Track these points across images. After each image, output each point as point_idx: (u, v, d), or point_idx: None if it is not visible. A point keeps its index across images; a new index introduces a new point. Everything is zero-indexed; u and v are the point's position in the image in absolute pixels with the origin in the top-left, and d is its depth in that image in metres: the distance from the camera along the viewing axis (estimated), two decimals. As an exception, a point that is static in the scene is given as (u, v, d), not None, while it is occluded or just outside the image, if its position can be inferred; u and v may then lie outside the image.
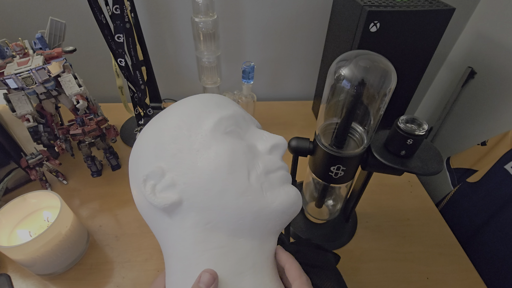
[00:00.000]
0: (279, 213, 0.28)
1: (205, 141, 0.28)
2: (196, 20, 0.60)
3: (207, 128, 0.29)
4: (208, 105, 0.31)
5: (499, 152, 0.55)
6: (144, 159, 0.29)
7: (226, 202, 0.27)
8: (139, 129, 0.72)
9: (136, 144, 0.33)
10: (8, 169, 0.60)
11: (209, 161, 0.27)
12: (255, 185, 0.28)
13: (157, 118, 0.32)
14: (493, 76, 0.69)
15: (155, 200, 0.26)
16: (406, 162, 0.38)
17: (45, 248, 0.44)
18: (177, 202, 0.26)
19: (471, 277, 0.50)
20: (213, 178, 0.27)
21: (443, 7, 0.53)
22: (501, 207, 0.53)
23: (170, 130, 0.29)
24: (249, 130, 0.33)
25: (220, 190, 0.27)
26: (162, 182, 0.27)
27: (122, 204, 0.60)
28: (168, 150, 0.28)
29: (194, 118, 0.29)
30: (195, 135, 0.28)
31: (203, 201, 0.27)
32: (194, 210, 0.27)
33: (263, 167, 0.29)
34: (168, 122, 0.30)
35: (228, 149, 0.28)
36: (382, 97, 0.36)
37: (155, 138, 0.29)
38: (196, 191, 0.27)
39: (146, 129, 0.32)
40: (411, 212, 0.60)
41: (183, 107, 0.31)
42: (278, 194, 0.29)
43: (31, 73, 0.51)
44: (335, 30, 0.68)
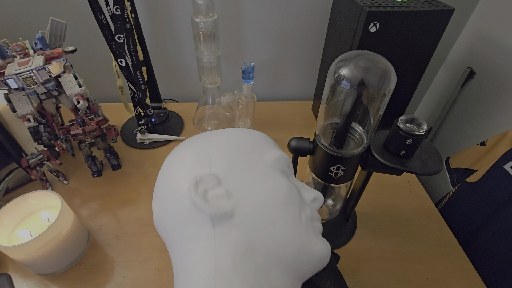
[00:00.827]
0: (317, 259, 0.28)
1: (265, 170, 0.29)
2: (196, 20, 0.61)
3: (268, 160, 0.30)
4: (268, 141, 0.33)
5: (498, 152, 0.55)
6: (197, 161, 0.29)
7: (275, 229, 0.26)
8: (139, 129, 0.72)
9: (186, 143, 0.32)
10: (8, 169, 0.60)
11: (268, 187, 0.28)
12: (304, 223, 0.28)
13: (213, 132, 0.33)
14: (492, 76, 0.69)
15: (206, 205, 0.25)
16: (405, 162, 0.38)
17: (45, 248, 0.44)
18: (229, 214, 0.26)
19: (470, 277, 0.50)
20: (269, 203, 0.27)
21: (442, 7, 0.53)
22: (501, 207, 0.53)
23: (234, 144, 0.30)
24: (292, 177, 0.34)
25: (273, 217, 0.27)
26: (216, 190, 0.26)
27: (122, 204, 0.60)
28: (228, 162, 0.28)
29: (256, 146, 0.31)
30: (255, 161, 0.29)
31: (253, 221, 0.26)
32: (242, 227, 0.26)
33: (310, 213, 0.30)
34: (231, 136, 0.31)
35: (287, 184, 0.29)
36: (381, 97, 0.36)
37: (214, 146, 0.30)
38: (249, 209, 0.26)
39: (198, 137, 0.32)
40: (411, 212, 0.61)
41: (246, 133, 0.33)
42: (320, 241, 0.29)
43: (32, 73, 0.51)
44: (335, 30, 0.68)
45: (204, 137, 0.32)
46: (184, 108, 0.87)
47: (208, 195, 0.26)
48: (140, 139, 0.73)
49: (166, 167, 0.31)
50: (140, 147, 0.73)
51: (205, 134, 0.33)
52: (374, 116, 0.38)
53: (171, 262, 0.51)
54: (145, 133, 0.73)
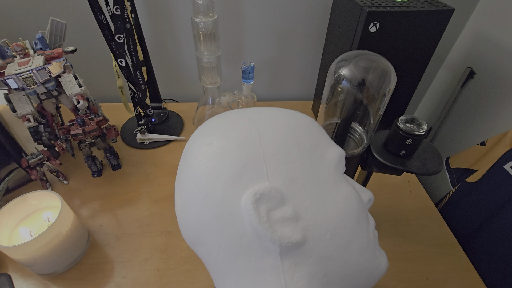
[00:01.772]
0: (380, 276, 0.25)
1: (330, 176, 0.23)
2: (196, 20, 0.61)
3: (332, 162, 0.24)
4: (323, 133, 0.26)
5: (498, 152, 0.55)
6: (246, 162, 0.21)
7: (350, 256, 0.22)
8: (139, 129, 0.72)
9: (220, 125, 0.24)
10: (8, 169, 0.60)
11: (339, 201, 0.23)
12: (372, 240, 0.24)
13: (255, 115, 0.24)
14: (492, 76, 0.69)
15: (274, 233, 0.20)
16: (405, 162, 0.38)
17: (45, 248, 0.44)
18: (300, 243, 0.21)
19: (470, 277, 0.50)
20: (343, 224, 0.22)
21: (442, 7, 0.53)
22: (501, 207, 0.53)
23: (291, 141, 0.23)
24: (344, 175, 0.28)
25: (347, 240, 0.22)
26: (281, 211, 0.21)
27: (122, 204, 0.60)
28: (287, 170, 0.22)
29: (314, 142, 0.24)
30: (318, 165, 0.23)
31: (326, 249, 0.21)
32: (313, 256, 0.21)
33: (372, 222, 0.26)
34: (285, 128, 0.23)
35: (355, 194, 0.24)
36: (381, 97, 0.36)
37: (266, 141, 0.22)
38: (322, 234, 0.21)
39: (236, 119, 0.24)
40: (411, 212, 0.61)
41: (300, 123, 0.25)
42: (382, 255, 0.25)
43: (32, 73, 0.51)
44: (335, 30, 0.68)
45: (245, 122, 0.24)
46: (184, 108, 0.87)
47: (272, 217, 0.20)
48: (140, 139, 0.73)
49: (198, 165, 0.22)
50: (140, 147, 0.73)
51: (244, 116, 0.24)
52: (374, 116, 0.38)
53: (171, 262, 0.52)
54: (145, 133, 0.73)
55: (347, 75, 0.35)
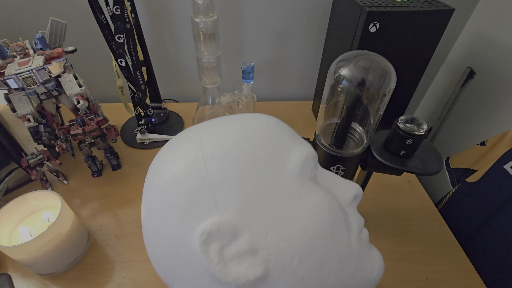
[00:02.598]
0: (375, 283, 0.23)
1: (294, 188, 0.20)
2: (196, 20, 0.61)
3: (293, 171, 0.21)
4: (283, 135, 0.22)
5: (498, 152, 0.55)
6: (191, 201, 0.19)
7: (327, 276, 0.20)
8: (139, 129, 0.72)
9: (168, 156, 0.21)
10: (8, 169, 0.60)
11: (305, 217, 0.20)
12: (356, 250, 0.21)
13: (204, 134, 0.21)
14: (492, 76, 0.69)
15: (228, 274, 0.18)
16: (405, 162, 0.38)
17: (45, 248, 0.44)
18: (262, 277, 0.19)
19: (470, 277, 0.50)
20: (313, 242, 0.19)
21: (442, 7, 0.53)
22: (501, 207, 0.53)
23: (242, 158, 0.20)
24: (319, 172, 0.25)
25: (320, 260, 0.19)
26: (235, 245, 0.19)
27: (122, 204, 0.60)
28: (239, 194, 0.19)
29: (271, 152, 0.21)
30: (277, 179, 0.20)
31: (296, 275, 0.19)
32: (283, 284, 0.19)
33: (356, 225, 0.23)
34: (233, 143, 0.20)
35: (325, 202, 0.21)
36: (381, 97, 0.36)
37: (212, 164, 0.19)
38: (288, 261, 0.19)
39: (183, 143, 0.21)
40: (411, 212, 0.61)
41: (248, 129, 0.21)
42: (373, 260, 0.23)
43: (32, 73, 0.51)
44: (335, 30, 0.68)
45: (191, 145, 0.21)
46: (184, 108, 0.87)
47: (225, 255, 0.18)
48: (140, 139, 0.73)
49: (152, 205, 0.21)
50: (140, 147, 0.73)
51: (191, 137, 0.22)
52: (374, 116, 0.38)
53: (171, 262, 0.51)
54: (145, 133, 0.73)
55: (347, 75, 0.35)
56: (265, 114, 0.25)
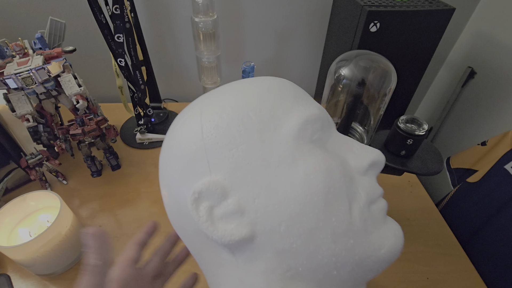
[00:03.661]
0: (385, 262, 0.21)
1: (287, 153, 0.20)
2: (196, 20, 0.60)
3: (289, 134, 0.20)
4: (284, 97, 0.22)
5: (499, 152, 0.55)
6: (189, 162, 0.21)
7: (318, 246, 0.19)
8: (139, 129, 0.72)
9: (176, 125, 0.23)
10: (8, 169, 0.59)
11: (296, 183, 0.19)
12: (358, 223, 0.20)
13: (207, 100, 0.23)
14: (493, 76, 0.69)
15: (214, 232, 0.19)
16: (406, 162, 0.38)
17: (45, 248, 0.44)
18: (248, 238, 0.19)
19: (471, 277, 0.50)
20: (302, 210, 0.19)
21: (443, 7, 0.53)
22: (501, 207, 0.53)
23: (235, 121, 0.20)
24: (332, 136, 0.23)
25: (311, 228, 0.19)
26: (224, 206, 0.19)
27: (122, 204, 0.60)
28: (230, 157, 0.20)
29: (266, 114, 0.21)
30: (270, 142, 0.20)
31: (283, 241, 0.19)
32: (270, 250, 0.19)
33: (365, 196, 0.21)
34: (229, 106, 0.21)
35: (322, 167, 0.19)
36: (382, 97, 0.36)
37: (208, 128, 0.20)
38: (275, 226, 0.19)
39: (188, 112, 0.23)
40: (411, 212, 0.60)
41: (247, 93, 0.22)
42: (385, 236, 0.21)
43: (31, 73, 0.51)
44: (335, 30, 0.68)
45: (193, 112, 0.23)
46: (183, 108, 0.87)
47: (215, 215, 0.19)
48: (139, 139, 0.73)
49: (161, 166, 0.24)
50: (140, 147, 0.73)
51: (195, 105, 0.24)
52: (375, 116, 0.38)
53: (170, 262, 0.51)
54: (144, 133, 0.73)
55: (348, 75, 0.35)
56: (273, 77, 0.25)
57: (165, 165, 0.23)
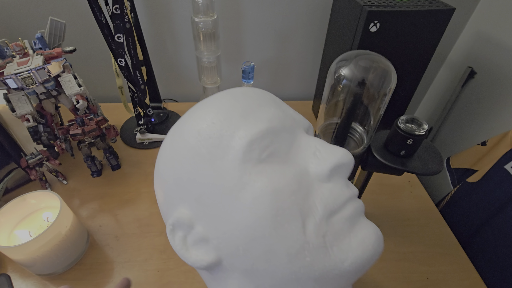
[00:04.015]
0: (353, 273, 0.20)
1: (235, 179, 0.20)
2: (196, 20, 0.60)
3: (234, 159, 0.20)
4: (231, 117, 0.21)
5: (499, 152, 0.55)
6: (167, 195, 0.24)
7: (276, 266, 0.19)
8: (139, 129, 0.72)
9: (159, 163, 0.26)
10: (8, 169, 0.60)
11: (245, 209, 0.19)
12: (314, 240, 0.19)
13: (174, 130, 0.25)
14: (493, 76, 0.69)
15: (188, 258, 0.22)
16: (406, 162, 0.38)
17: (45, 248, 0.44)
18: (215, 262, 0.21)
19: (471, 277, 0.50)
20: (253, 235, 0.19)
21: (443, 7, 0.53)
22: (501, 207, 0.53)
23: (186, 161, 0.22)
24: (295, 142, 0.23)
25: (265, 251, 0.19)
26: (193, 234, 0.22)
27: (122, 204, 0.60)
28: (189, 190, 0.21)
29: (215, 142, 0.21)
30: (221, 170, 0.20)
31: (245, 263, 0.20)
32: (236, 271, 0.21)
33: (323, 209, 0.20)
34: (180, 148, 0.22)
35: (269, 190, 0.19)
36: (382, 97, 0.36)
37: (172, 168, 0.23)
38: (234, 251, 0.20)
39: (165, 144, 0.25)
40: (411, 212, 0.60)
41: (199, 122, 0.22)
42: (349, 247, 0.20)
43: (31, 73, 0.51)
44: (335, 30, 0.68)
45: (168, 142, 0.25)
46: (184, 108, 0.87)
47: (188, 242, 0.22)
48: (139, 139, 0.73)
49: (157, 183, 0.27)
50: (140, 147, 0.73)
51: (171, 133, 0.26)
52: (375, 116, 0.38)
53: (171, 262, 0.52)
54: (144, 133, 0.73)
55: (348, 75, 0.35)
56: (230, 91, 0.24)
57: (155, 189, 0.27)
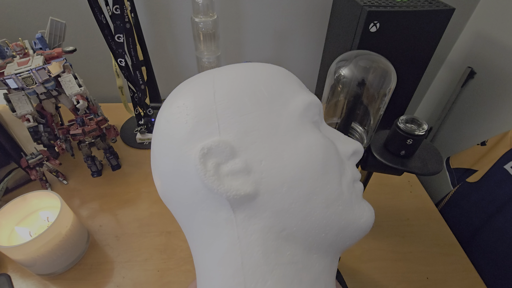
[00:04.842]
0: (362, 231, 0.24)
1: (293, 126, 0.22)
2: (196, 20, 0.61)
3: (295, 110, 0.23)
4: (290, 80, 0.25)
5: (498, 152, 0.55)
6: (199, 119, 0.21)
7: (312, 209, 0.21)
8: (139, 129, 0.72)
9: (182, 89, 0.24)
10: (8, 169, 0.60)
11: (300, 152, 0.21)
12: (346, 193, 0.23)
13: (215, 71, 0.24)
14: (493, 76, 0.69)
15: (220, 186, 0.20)
16: (406, 162, 0.38)
17: (45, 248, 0.44)
18: (251, 195, 0.20)
19: (470, 277, 0.50)
20: (302, 175, 0.21)
21: (443, 7, 0.53)
22: (501, 207, 0.53)
23: (247, 92, 0.22)
24: (323, 124, 0.27)
25: (308, 193, 0.21)
26: (231, 164, 0.20)
27: (122, 204, 0.60)
28: (240, 122, 0.21)
29: (276, 91, 0.23)
30: (278, 115, 0.22)
31: (283, 202, 0.21)
32: (269, 210, 0.21)
33: (351, 174, 0.24)
34: (241, 79, 0.23)
35: (322, 143, 0.22)
36: (382, 97, 0.36)
37: (220, 95, 0.22)
38: (277, 187, 0.21)
39: (197, 79, 0.24)
40: (411, 212, 0.60)
41: (260, 72, 0.24)
42: (363, 209, 0.24)
43: (31, 73, 0.51)
44: (335, 30, 0.68)
45: (204, 80, 0.24)
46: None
47: (221, 171, 0.20)
48: (139, 139, 0.73)
49: (160, 128, 0.23)
50: (140, 147, 0.73)
51: (206, 75, 0.25)
52: (374, 116, 0.38)
53: (171, 262, 0.52)
54: (145, 133, 0.73)
55: (347, 75, 0.35)
56: (281, 68, 0.27)
57: (164, 127, 0.23)
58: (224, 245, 0.21)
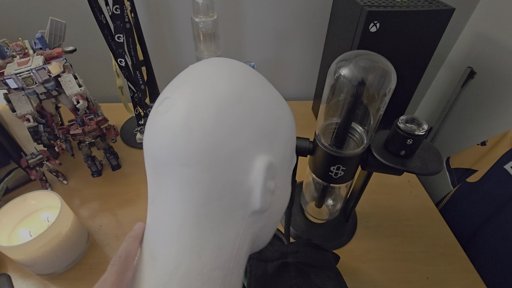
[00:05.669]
0: None
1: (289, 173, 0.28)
2: (196, 20, 0.61)
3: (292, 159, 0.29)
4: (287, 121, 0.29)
5: (498, 152, 0.55)
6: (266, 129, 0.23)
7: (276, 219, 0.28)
8: (139, 129, 0.72)
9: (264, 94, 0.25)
10: (8, 169, 0.60)
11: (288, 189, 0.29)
12: None
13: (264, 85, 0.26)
14: (493, 76, 0.69)
15: (265, 197, 0.23)
16: (406, 162, 0.38)
17: (45, 248, 0.44)
18: (265, 211, 0.25)
19: (470, 277, 0.50)
20: (284, 206, 0.28)
21: (443, 7, 0.53)
22: (501, 207, 0.53)
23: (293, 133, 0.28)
24: None
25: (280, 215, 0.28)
26: (271, 183, 0.24)
27: (122, 204, 0.60)
28: (284, 153, 0.26)
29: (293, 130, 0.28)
30: (291, 156, 0.28)
31: (271, 218, 0.27)
32: (262, 221, 0.26)
33: None
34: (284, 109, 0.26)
35: None
36: (382, 97, 0.36)
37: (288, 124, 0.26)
38: (276, 209, 0.27)
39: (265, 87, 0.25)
40: (411, 212, 0.60)
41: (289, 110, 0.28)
42: None
43: (31, 73, 0.51)
44: (335, 30, 0.68)
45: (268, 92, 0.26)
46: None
47: (268, 185, 0.23)
48: (140, 139, 0.73)
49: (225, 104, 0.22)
50: (140, 147, 0.73)
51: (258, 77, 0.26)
52: (374, 116, 0.38)
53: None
54: (145, 133, 0.73)
55: (347, 75, 0.35)
56: None
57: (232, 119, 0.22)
58: (230, 234, 0.23)
